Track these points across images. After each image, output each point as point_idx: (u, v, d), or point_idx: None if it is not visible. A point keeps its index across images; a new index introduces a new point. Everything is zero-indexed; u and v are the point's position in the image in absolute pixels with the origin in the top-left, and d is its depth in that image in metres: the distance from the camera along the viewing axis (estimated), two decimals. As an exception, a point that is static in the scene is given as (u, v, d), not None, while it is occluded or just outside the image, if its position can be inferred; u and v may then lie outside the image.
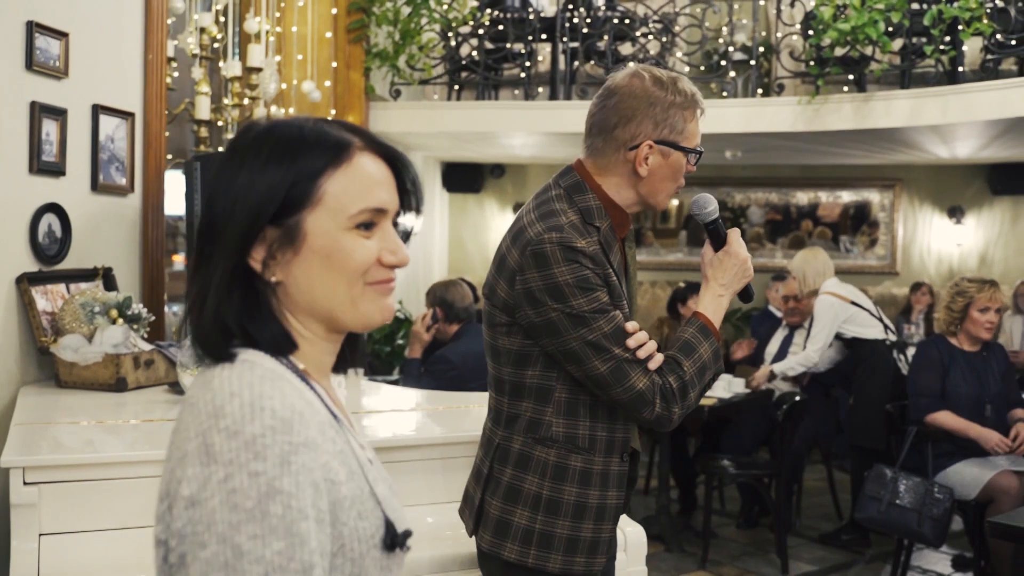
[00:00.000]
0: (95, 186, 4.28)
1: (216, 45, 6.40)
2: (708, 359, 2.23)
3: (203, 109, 5.82)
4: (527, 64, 8.26)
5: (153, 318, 4.03)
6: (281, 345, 1.26)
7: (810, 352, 6.31)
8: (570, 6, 8.38)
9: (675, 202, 11.50)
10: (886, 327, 6.31)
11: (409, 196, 1.38)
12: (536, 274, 2.13)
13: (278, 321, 1.27)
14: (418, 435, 3.13)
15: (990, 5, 7.34)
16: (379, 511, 1.26)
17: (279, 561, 1.09)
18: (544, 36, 8.41)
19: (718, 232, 2.32)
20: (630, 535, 2.96)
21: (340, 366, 1.40)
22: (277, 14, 7.10)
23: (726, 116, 7.97)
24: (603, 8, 8.49)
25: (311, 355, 1.31)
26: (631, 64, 2.30)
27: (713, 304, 2.31)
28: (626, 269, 2.34)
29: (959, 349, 5.15)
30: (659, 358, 2.18)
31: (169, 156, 6.12)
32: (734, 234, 2.33)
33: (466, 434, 2.94)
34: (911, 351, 8.79)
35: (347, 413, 1.38)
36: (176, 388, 3.61)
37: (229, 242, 1.24)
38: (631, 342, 2.14)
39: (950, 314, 5.17)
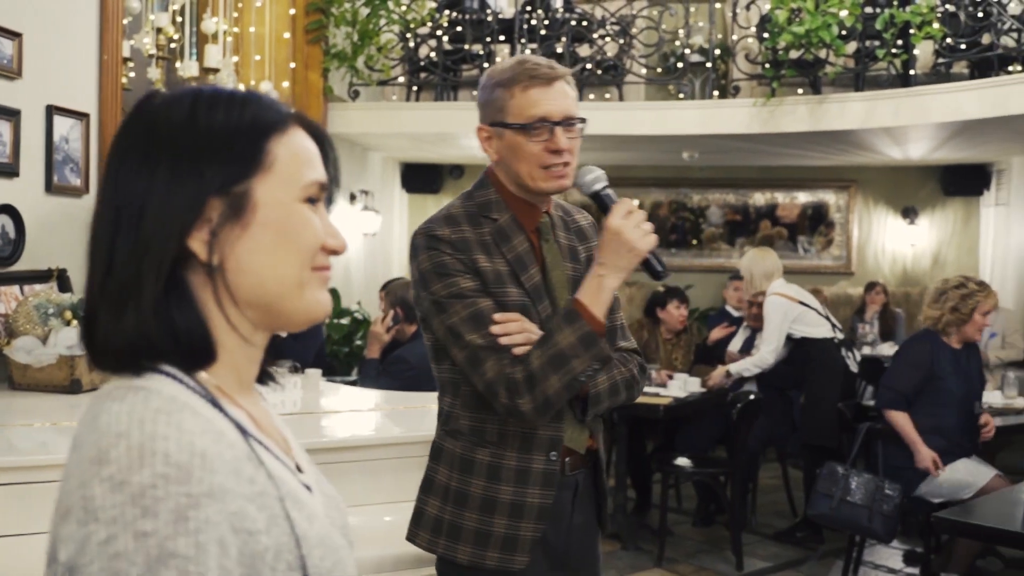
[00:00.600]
0: (49, 187, 4.26)
1: (173, 45, 6.37)
2: (569, 345, 2.04)
3: (159, 110, 5.78)
4: (485, 65, 8.29)
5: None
6: (198, 354, 1.06)
7: (764, 353, 6.38)
8: (528, 8, 8.42)
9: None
10: (833, 325, 6.40)
11: (331, 182, 1.19)
12: (412, 264, 2.20)
13: (203, 322, 1.06)
14: (377, 435, 3.16)
15: (941, 10, 7.47)
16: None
17: None
18: (502, 37, 8.45)
19: (604, 205, 2.14)
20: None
21: (262, 377, 1.20)
22: (235, 14, 7.08)
23: (683, 118, 8.05)
24: (561, 10, 8.53)
25: (231, 366, 1.10)
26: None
27: (590, 287, 2.09)
28: (543, 263, 2.22)
29: (949, 347, 5.18)
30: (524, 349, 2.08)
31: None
32: (618, 206, 2.10)
33: (424, 434, 2.95)
34: (867, 349, 8.97)
35: (280, 432, 1.20)
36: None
37: (170, 219, 1.03)
38: (495, 329, 2.07)
39: (957, 315, 5.12)
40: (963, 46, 7.59)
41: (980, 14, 7.53)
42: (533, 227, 2.23)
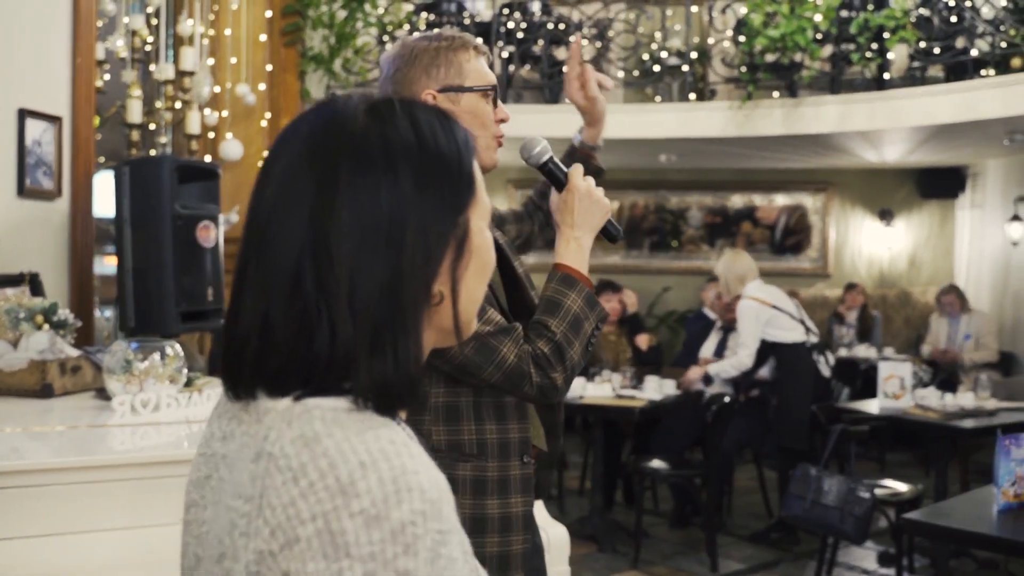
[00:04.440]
0: (21, 191, 4.24)
1: (148, 48, 6.35)
2: (580, 309, 1.99)
3: (135, 113, 5.78)
4: (463, 68, 8.31)
5: (80, 324, 4.01)
6: (414, 398, 1.00)
7: (742, 356, 6.41)
8: (506, 11, 8.44)
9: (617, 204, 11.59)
10: (808, 329, 6.44)
11: None
12: None
13: (421, 360, 1.01)
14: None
15: (915, 14, 7.52)
16: None
17: None
18: (480, 40, 8.45)
19: (555, 174, 2.08)
20: (553, 536, 3.00)
21: None
22: (211, 17, 7.06)
23: (660, 121, 8.08)
24: (538, 13, 8.56)
25: None
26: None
27: (570, 250, 2.03)
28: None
29: None
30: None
31: (102, 159, 6.08)
32: (574, 170, 2.06)
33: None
34: (843, 351, 9.03)
35: None
36: (103, 394, 3.60)
37: (430, 250, 0.98)
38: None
39: None
40: (937, 50, 7.64)
41: (954, 18, 7.59)
42: None
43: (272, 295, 0.97)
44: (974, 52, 7.48)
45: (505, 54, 8.31)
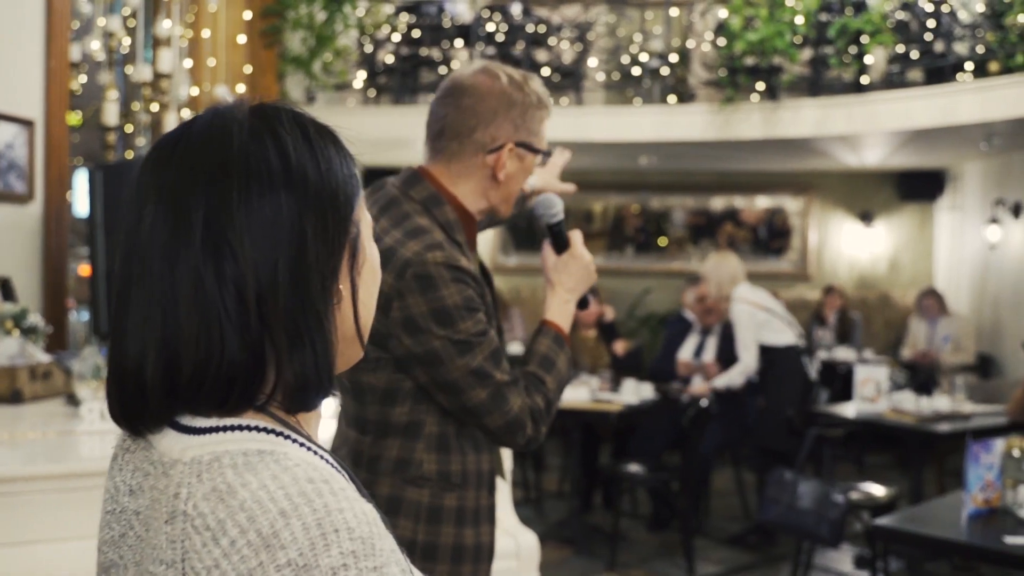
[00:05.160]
0: (-7, 194, 4.23)
1: (125, 50, 6.33)
2: (565, 371, 2.11)
3: (110, 115, 5.75)
4: (443, 70, 8.30)
5: (51, 330, 4.00)
6: (324, 396, 0.97)
7: (747, 361, 6.42)
8: (486, 13, 8.44)
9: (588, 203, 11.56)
10: (799, 332, 6.48)
11: None
12: (421, 298, 1.92)
13: (335, 359, 0.98)
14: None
15: (893, 18, 7.55)
16: None
17: None
18: (460, 42, 8.45)
19: (562, 234, 2.16)
20: (523, 543, 3.00)
21: None
22: (189, 18, 7.04)
23: (640, 123, 8.09)
24: (519, 16, 8.56)
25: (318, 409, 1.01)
26: (477, 60, 2.15)
27: (561, 310, 2.15)
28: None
29: None
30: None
31: (80, 160, 6.05)
32: (576, 236, 2.18)
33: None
34: (823, 353, 9.06)
35: None
36: (73, 400, 3.58)
37: (336, 249, 0.96)
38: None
39: None
40: (915, 54, 7.67)
41: (932, 23, 7.62)
42: (474, 248, 2.17)
43: (168, 304, 0.91)
44: (952, 56, 7.51)
45: (485, 56, 8.31)
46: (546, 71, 8.39)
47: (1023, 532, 3.34)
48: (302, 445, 0.93)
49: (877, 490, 5.51)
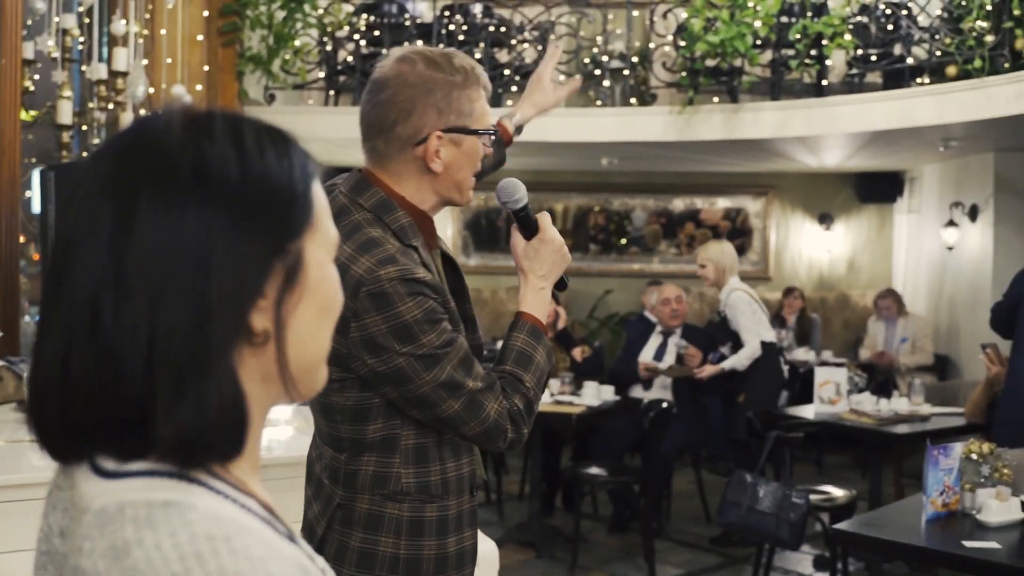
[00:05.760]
0: (-57, 195, 4.14)
1: (81, 48, 6.24)
2: (544, 364, 2.03)
3: (65, 114, 5.66)
4: (404, 70, 8.26)
5: (1, 334, 3.93)
6: (236, 445, 0.87)
7: (752, 344, 6.40)
8: (447, 13, 8.40)
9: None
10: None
11: None
12: (378, 317, 1.85)
13: (245, 407, 0.87)
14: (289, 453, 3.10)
15: (853, 21, 7.59)
16: None
17: None
18: (420, 42, 8.40)
19: (528, 219, 2.06)
20: (482, 551, 2.97)
21: None
22: (146, 16, 6.95)
23: (601, 124, 8.08)
24: (480, 15, 8.53)
25: (254, 443, 0.92)
26: (395, 49, 2.04)
27: (536, 299, 2.06)
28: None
29: None
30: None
31: (34, 159, 5.95)
32: (545, 219, 2.08)
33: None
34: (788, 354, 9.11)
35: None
36: (24, 406, 3.51)
37: (240, 280, 0.85)
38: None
39: None
40: (874, 57, 7.72)
41: (891, 26, 7.67)
42: (435, 245, 2.09)
43: (72, 334, 0.85)
44: (910, 60, 7.57)
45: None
46: (507, 72, 8.37)
47: (981, 536, 3.37)
48: (218, 492, 0.85)
49: (836, 492, 5.54)
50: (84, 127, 6.26)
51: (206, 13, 7.47)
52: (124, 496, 0.83)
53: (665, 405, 6.01)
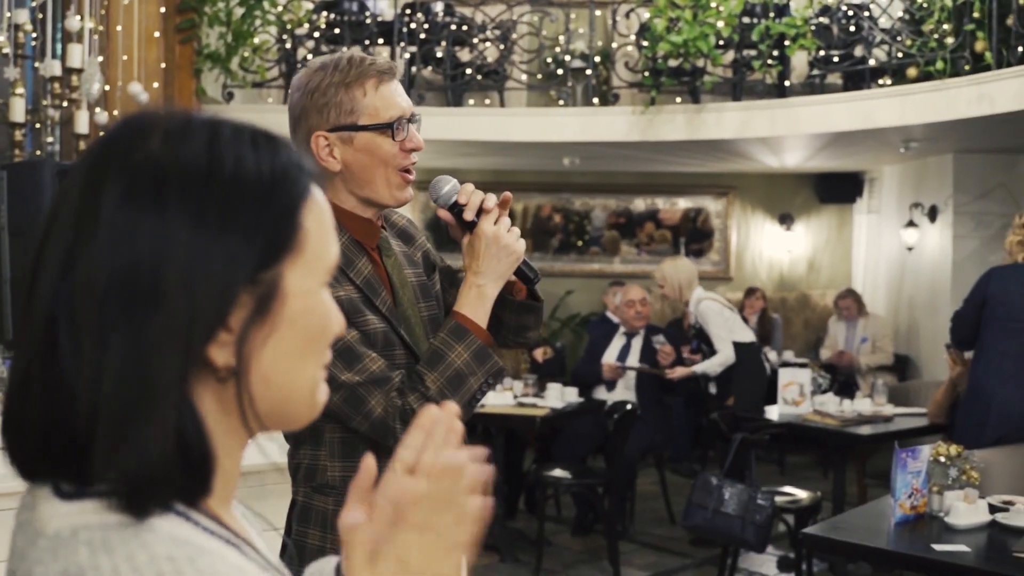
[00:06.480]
0: None
1: (34, 44, 6.12)
2: (464, 364, 1.93)
3: (17, 111, 5.55)
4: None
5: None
6: (202, 483, 0.81)
7: (726, 352, 6.47)
8: (408, 11, 8.33)
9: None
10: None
11: None
12: None
13: (209, 443, 0.81)
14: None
15: (815, 22, 7.61)
16: None
17: None
18: (381, 40, 8.33)
19: (463, 215, 1.98)
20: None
21: None
22: (101, 12, 6.83)
23: (563, 124, 8.05)
24: (441, 14, 8.46)
25: (225, 476, 0.86)
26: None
27: (470, 297, 1.96)
28: (390, 281, 2.05)
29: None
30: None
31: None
32: (487, 213, 1.99)
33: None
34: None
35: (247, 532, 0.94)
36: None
37: (199, 309, 0.78)
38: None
39: None
40: (836, 58, 7.75)
41: (852, 28, 7.70)
42: (374, 245, 2.05)
43: (33, 352, 0.79)
44: (872, 61, 7.60)
45: (407, 55, 8.20)
46: (469, 71, 8.31)
47: (950, 539, 3.35)
48: (178, 513, 0.79)
49: (801, 494, 5.53)
50: (37, 125, 6.14)
51: (163, 9, 7.35)
52: (78, 519, 0.78)
53: (629, 407, 5.98)
